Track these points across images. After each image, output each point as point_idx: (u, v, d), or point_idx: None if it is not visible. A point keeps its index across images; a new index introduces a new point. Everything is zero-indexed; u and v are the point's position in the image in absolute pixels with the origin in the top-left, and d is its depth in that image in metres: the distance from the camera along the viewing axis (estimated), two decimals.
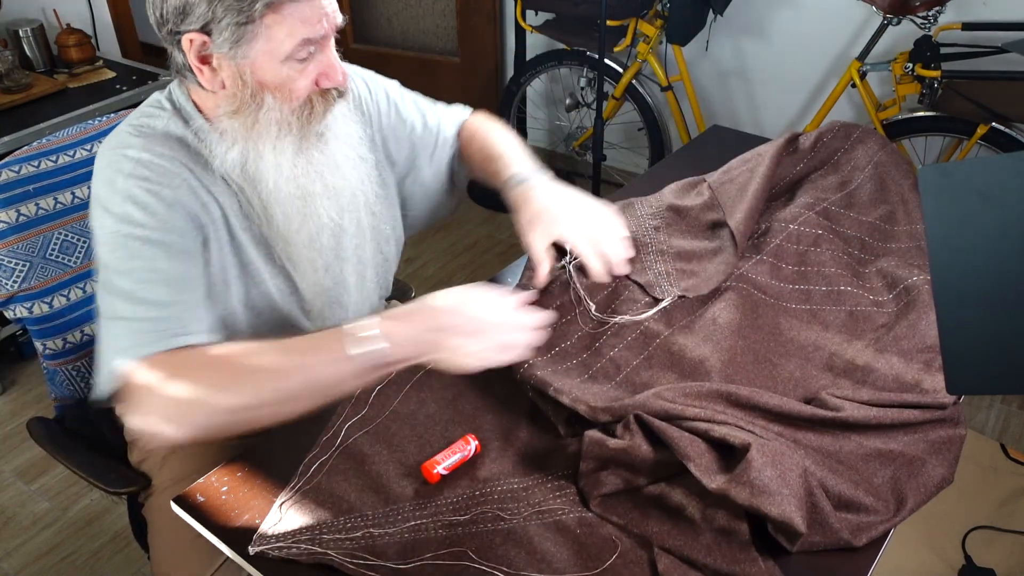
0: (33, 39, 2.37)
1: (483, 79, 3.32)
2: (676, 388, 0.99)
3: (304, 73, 0.98)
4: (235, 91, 0.98)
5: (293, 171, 1.04)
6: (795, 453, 0.89)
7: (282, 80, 0.97)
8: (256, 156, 1.02)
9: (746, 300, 1.15)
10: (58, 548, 1.88)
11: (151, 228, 0.97)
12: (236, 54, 0.95)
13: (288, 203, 1.05)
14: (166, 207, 0.98)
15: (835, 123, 1.46)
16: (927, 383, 1.01)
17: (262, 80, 0.97)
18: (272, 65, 0.96)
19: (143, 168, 0.99)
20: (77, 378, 1.36)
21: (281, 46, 0.94)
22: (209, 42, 0.95)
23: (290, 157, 1.03)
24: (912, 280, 1.18)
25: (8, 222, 1.25)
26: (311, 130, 1.03)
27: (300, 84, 0.99)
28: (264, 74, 0.97)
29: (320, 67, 0.99)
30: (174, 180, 1.00)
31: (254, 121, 1.00)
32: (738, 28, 2.75)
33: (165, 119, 1.03)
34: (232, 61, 0.96)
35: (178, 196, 0.99)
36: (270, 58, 0.95)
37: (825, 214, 1.31)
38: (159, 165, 0.99)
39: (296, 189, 1.05)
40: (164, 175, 0.99)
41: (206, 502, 0.95)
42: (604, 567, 0.86)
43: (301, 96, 1.00)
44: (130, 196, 0.97)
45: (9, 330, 2.33)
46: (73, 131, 1.35)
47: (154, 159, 0.99)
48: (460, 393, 1.09)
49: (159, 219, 0.98)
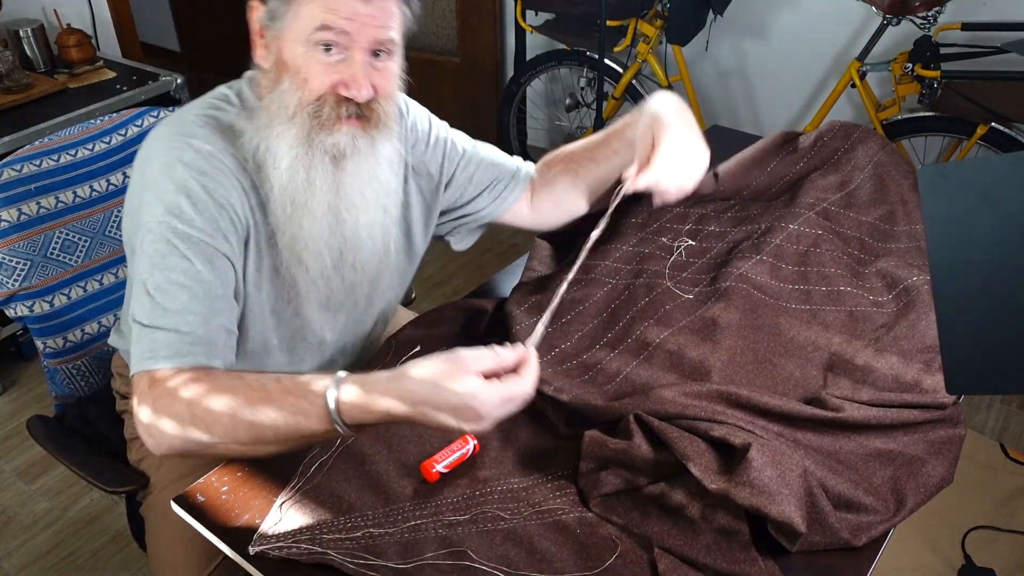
0: (33, 39, 2.37)
1: (483, 79, 3.31)
2: (676, 388, 0.99)
3: (326, 69, 0.95)
4: (269, 67, 1.00)
5: (289, 167, 1.00)
6: (795, 453, 0.89)
7: (300, 64, 0.96)
8: (263, 139, 1.00)
9: (746, 300, 1.15)
10: (58, 548, 1.88)
11: (197, 227, 0.96)
12: (274, 26, 0.97)
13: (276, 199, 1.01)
14: (217, 207, 0.97)
15: (835, 123, 1.46)
16: (927, 383, 1.01)
17: (284, 58, 0.97)
18: (294, 45, 0.96)
19: (203, 161, 0.98)
20: (77, 377, 1.36)
21: (304, 26, 0.94)
22: (263, 11, 0.98)
23: (287, 151, 0.99)
24: (912, 280, 1.18)
25: (10, 221, 1.25)
26: (319, 139, 0.99)
27: (316, 77, 0.96)
28: (286, 52, 0.97)
29: (345, 73, 0.96)
30: (230, 179, 0.99)
31: (270, 101, 0.99)
32: (738, 28, 2.75)
33: (232, 113, 1.03)
34: (271, 33, 0.98)
35: (230, 196, 0.99)
36: (294, 36, 0.95)
37: (825, 214, 1.31)
38: (219, 160, 0.99)
39: (285, 186, 1.01)
40: (221, 173, 0.98)
41: (206, 502, 0.95)
42: (604, 567, 0.86)
43: (314, 90, 0.97)
44: (184, 187, 0.96)
45: (9, 330, 2.32)
46: (75, 130, 1.35)
47: (215, 152, 0.99)
48: None
49: (207, 217, 0.97)
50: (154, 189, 0.98)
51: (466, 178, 1.24)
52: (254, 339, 1.09)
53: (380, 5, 0.95)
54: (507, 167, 1.28)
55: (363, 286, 1.15)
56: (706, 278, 1.22)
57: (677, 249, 1.28)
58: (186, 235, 0.96)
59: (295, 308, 1.11)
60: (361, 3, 0.94)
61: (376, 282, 1.16)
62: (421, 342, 1.17)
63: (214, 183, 0.97)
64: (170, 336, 0.93)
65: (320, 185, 1.01)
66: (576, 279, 1.24)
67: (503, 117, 3.10)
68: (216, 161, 0.98)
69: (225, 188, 0.98)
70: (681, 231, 1.34)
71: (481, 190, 1.26)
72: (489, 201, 1.27)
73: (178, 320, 0.94)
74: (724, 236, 1.31)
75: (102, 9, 2.72)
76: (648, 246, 1.30)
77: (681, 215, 1.37)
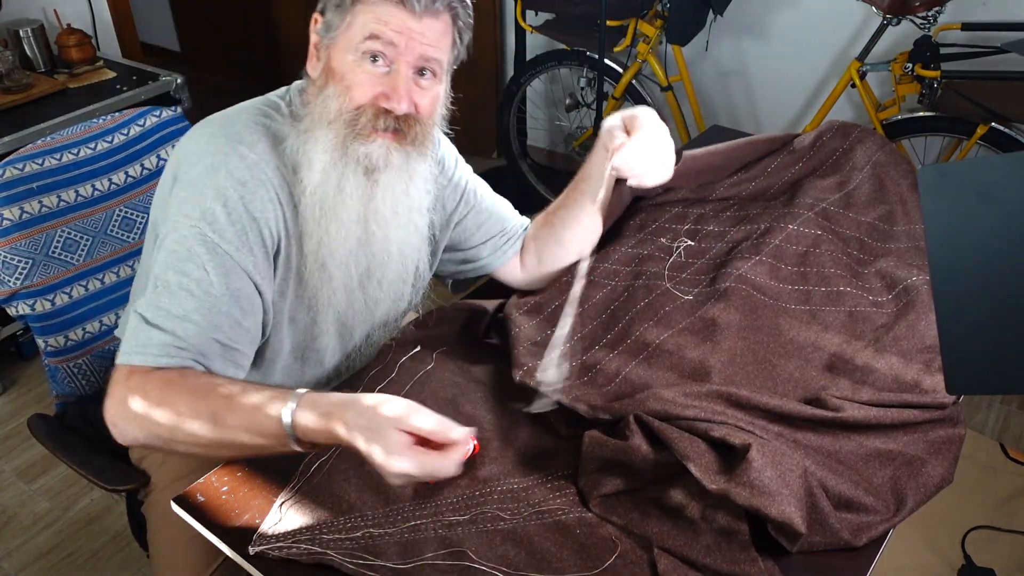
0: (33, 39, 2.37)
1: (483, 79, 3.32)
2: (676, 389, 0.99)
3: (370, 79, 0.97)
4: (317, 75, 1.02)
5: (322, 172, 1.01)
6: (795, 453, 0.89)
7: (345, 72, 0.98)
8: (301, 141, 1.01)
9: (745, 301, 1.15)
10: (59, 548, 1.88)
11: (227, 239, 0.97)
12: (327, 35, 1.00)
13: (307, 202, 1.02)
14: (250, 219, 0.98)
15: (833, 123, 1.47)
16: (926, 383, 1.01)
17: (332, 66, 0.99)
18: (343, 53, 0.98)
19: (246, 171, 0.99)
20: (78, 375, 1.36)
21: (355, 35, 0.97)
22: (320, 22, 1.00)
23: (321, 155, 1.00)
24: (911, 280, 1.18)
25: (12, 219, 1.25)
26: (353, 147, 1.00)
27: (360, 85, 0.98)
28: (335, 60, 0.99)
29: (387, 85, 0.98)
30: (269, 192, 1.00)
31: (314, 106, 1.01)
32: (738, 28, 2.75)
33: (280, 122, 1.04)
34: (324, 43, 1.00)
35: (265, 210, 1.00)
36: (344, 45, 0.98)
37: (824, 215, 1.31)
38: (261, 172, 1.00)
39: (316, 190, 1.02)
40: (261, 185, 0.99)
41: (206, 502, 0.95)
42: (604, 567, 0.86)
43: (356, 99, 0.98)
44: (223, 196, 0.97)
45: (9, 330, 2.32)
46: (78, 129, 1.35)
47: (259, 162, 1.00)
48: (460, 393, 1.09)
49: (238, 229, 0.98)
50: (192, 188, 0.98)
51: (476, 224, 1.27)
52: (272, 345, 1.10)
53: (430, 24, 0.97)
54: (514, 224, 1.31)
55: (384, 303, 1.16)
56: (705, 279, 1.22)
57: (676, 250, 1.28)
58: (213, 245, 0.97)
59: (313, 317, 1.11)
60: (412, 19, 0.96)
61: (398, 302, 1.18)
62: (421, 342, 1.17)
63: (252, 195, 0.99)
64: (165, 337, 0.95)
65: (351, 193, 1.02)
66: None
67: (503, 117, 3.10)
68: (259, 172, 1.00)
69: (262, 201, 1.00)
70: (680, 231, 1.34)
71: (487, 239, 1.28)
72: (491, 252, 1.29)
73: (176, 325, 0.95)
74: (723, 236, 1.31)
75: (102, 9, 2.72)
76: (647, 247, 1.30)
77: (680, 215, 1.38)
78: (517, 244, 1.31)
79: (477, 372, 1.14)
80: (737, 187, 1.42)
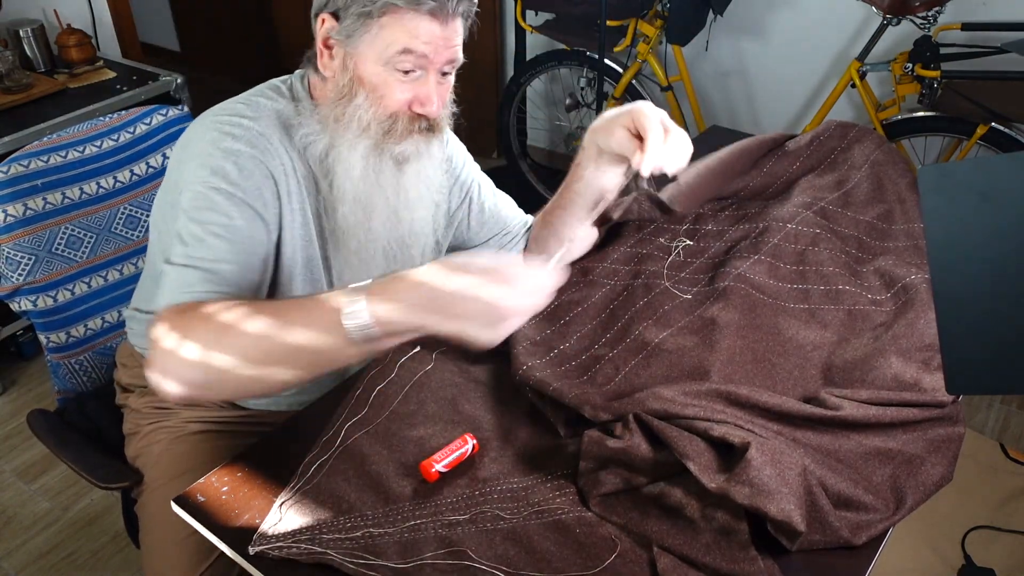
0: (33, 39, 2.37)
1: (483, 79, 3.32)
2: (675, 388, 0.99)
3: (401, 87, 1.00)
4: (339, 79, 1.03)
5: (362, 175, 1.05)
6: (794, 452, 0.89)
7: (377, 83, 1.00)
8: (334, 148, 1.05)
9: (745, 300, 1.15)
10: (58, 548, 1.88)
11: (241, 188, 1.00)
12: (349, 43, 1.00)
13: (349, 205, 1.07)
14: (261, 176, 1.01)
15: (832, 122, 1.47)
16: (926, 382, 1.01)
17: (360, 75, 1.01)
18: (372, 64, 1.00)
19: (250, 137, 1.02)
20: (79, 372, 1.36)
21: (386, 48, 0.98)
22: (336, 27, 1.00)
23: (359, 160, 1.04)
24: (910, 279, 1.18)
25: (16, 216, 1.26)
26: (388, 147, 1.04)
27: (393, 95, 1.01)
28: (363, 70, 1.00)
29: (419, 90, 1.01)
30: (274, 158, 1.03)
31: (342, 113, 1.03)
32: (738, 28, 2.75)
33: (280, 103, 1.07)
34: (345, 49, 1.01)
35: (274, 172, 1.03)
36: (373, 56, 0.99)
37: (823, 213, 1.31)
38: (265, 139, 1.03)
39: (359, 194, 1.07)
40: (267, 151, 1.02)
41: (206, 502, 0.95)
42: (604, 567, 0.86)
43: (390, 108, 1.02)
44: (232, 153, 1.00)
45: (10, 330, 2.33)
46: (83, 127, 1.36)
47: (264, 131, 1.03)
48: (460, 393, 1.10)
49: (252, 182, 1.00)
50: (200, 158, 1.01)
51: (479, 223, 1.28)
52: None
53: (453, 28, 1.01)
54: (517, 222, 1.32)
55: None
56: (704, 278, 1.22)
57: (675, 249, 1.28)
58: (229, 194, 0.99)
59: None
60: (439, 26, 0.98)
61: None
62: (421, 342, 1.17)
63: (263, 154, 1.02)
64: (206, 275, 0.95)
65: (385, 186, 1.08)
66: (575, 280, 1.24)
67: (503, 117, 3.10)
68: (262, 139, 1.03)
69: (269, 164, 1.02)
70: (679, 231, 1.34)
71: (489, 237, 1.30)
72: (494, 250, 1.30)
73: (214, 265, 0.96)
74: (722, 235, 1.31)
75: (102, 9, 2.72)
76: (646, 246, 1.30)
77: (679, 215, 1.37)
78: (521, 242, 1.31)
79: (477, 372, 1.14)
80: (735, 187, 1.42)
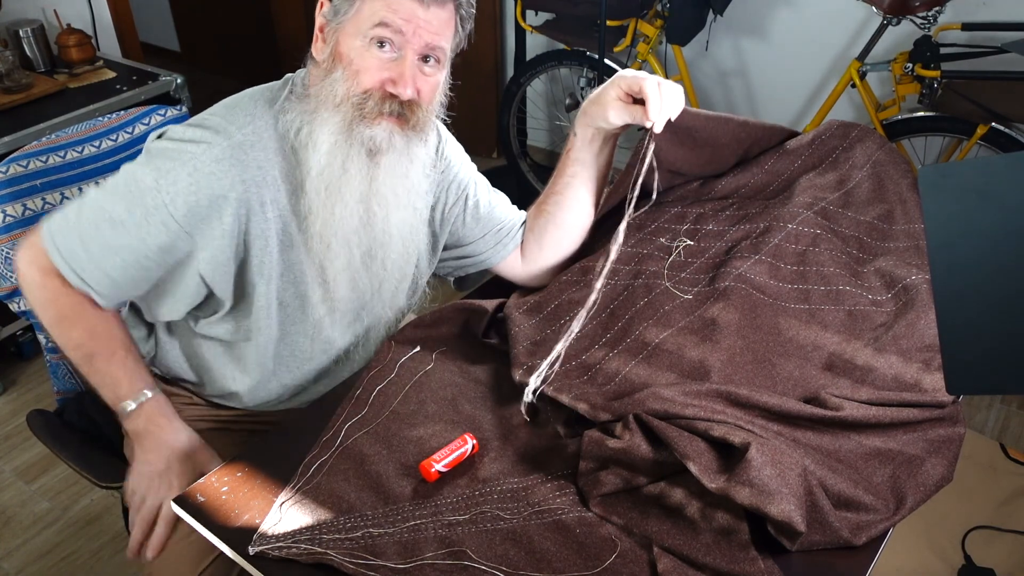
0: (33, 39, 2.37)
1: (483, 79, 3.32)
2: (675, 388, 0.99)
3: (378, 65, 1.00)
4: (324, 57, 1.03)
5: (328, 153, 1.04)
6: (794, 452, 0.89)
7: (353, 56, 1.01)
8: (307, 124, 1.04)
9: (745, 300, 1.15)
10: (58, 548, 1.88)
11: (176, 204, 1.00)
12: (335, 19, 1.01)
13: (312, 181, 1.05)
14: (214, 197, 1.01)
15: (834, 122, 1.46)
16: (926, 382, 1.01)
17: (340, 50, 1.01)
18: (351, 38, 1.00)
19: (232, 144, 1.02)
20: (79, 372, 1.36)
21: (364, 21, 0.99)
22: (329, 7, 1.01)
23: (328, 136, 1.03)
24: (910, 279, 1.18)
25: (15, 216, 1.26)
26: (358, 129, 1.03)
27: (369, 72, 1.01)
28: (343, 45, 1.01)
29: (394, 71, 1.01)
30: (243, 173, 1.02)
31: (320, 90, 1.03)
32: (738, 28, 2.75)
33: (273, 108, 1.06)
34: (331, 27, 1.02)
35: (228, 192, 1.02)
36: (353, 30, 1.00)
37: (823, 214, 1.31)
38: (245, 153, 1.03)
39: (323, 171, 1.05)
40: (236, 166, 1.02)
41: (206, 502, 0.95)
42: (604, 567, 0.86)
43: (364, 84, 1.01)
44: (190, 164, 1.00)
45: (9, 330, 2.33)
46: (82, 127, 1.36)
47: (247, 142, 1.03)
48: (460, 393, 1.10)
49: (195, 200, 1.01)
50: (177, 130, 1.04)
51: (474, 220, 1.28)
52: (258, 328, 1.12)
53: (437, 13, 1.00)
54: (513, 218, 1.32)
55: (389, 284, 1.18)
56: (705, 278, 1.22)
57: (675, 249, 1.28)
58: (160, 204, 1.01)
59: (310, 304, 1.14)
60: (420, 7, 0.99)
61: (402, 282, 1.20)
62: (421, 342, 1.17)
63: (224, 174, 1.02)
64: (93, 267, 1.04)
65: (354, 175, 1.05)
66: (574, 280, 1.24)
67: (503, 117, 3.10)
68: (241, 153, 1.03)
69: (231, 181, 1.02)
70: (679, 231, 1.33)
71: (485, 234, 1.29)
72: (491, 246, 1.30)
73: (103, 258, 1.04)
74: (722, 235, 1.31)
75: (102, 9, 2.72)
76: (646, 246, 1.30)
77: (679, 215, 1.37)
78: (517, 237, 1.31)
79: (477, 372, 1.14)
80: (735, 185, 1.42)
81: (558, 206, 1.28)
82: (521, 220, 1.33)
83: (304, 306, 1.13)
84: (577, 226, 1.29)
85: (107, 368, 1.10)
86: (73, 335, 1.09)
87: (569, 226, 1.29)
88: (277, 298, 1.11)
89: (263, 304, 1.10)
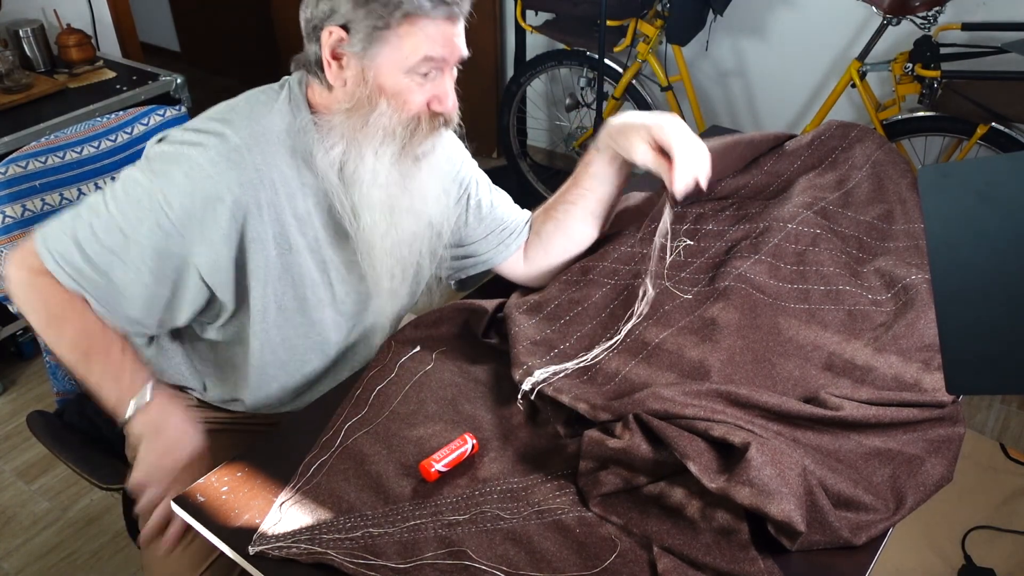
0: (33, 39, 2.37)
1: (483, 79, 3.32)
2: (675, 387, 0.99)
3: (421, 90, 1.02)
4: (355, 90, 1.03)
5: (387, 180, 1.07)
6: (794, 452, 0.89)
7: (399, 90, 1.02)
8: (357, 157, 1.05)
9: (745, 300, 1.15)
10: (58, 548, 1.88)
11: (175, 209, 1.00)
12: (366, 55, 1.00)
13: (377, 210, 1.08)
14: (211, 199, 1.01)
15: (833, 122, 1.47)
16: (926, 382, 1.01)
17: (382, 84, 1.01)
18: (394, 73, 1.01)
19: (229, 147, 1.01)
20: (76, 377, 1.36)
21: (407, 57, 0.99)
22: (346, 39, 1.00)
23: (387, 165, 1.06)
24: (910, 279, 1.18)
25: (14, 217, 1.26)
26: (412, 148, 1.06)
27: (414, 99, 1.02)
28: (385, 79, 1.01)
29: (436, 90, 1.03)
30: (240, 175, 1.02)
31: (364, 123, 1.03)
32: (738, 28, 2.75)
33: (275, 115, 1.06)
34: (360, 61, 1.01)
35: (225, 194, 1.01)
36: (394, 66, 1.00)
37: (823, 213, 1.31)
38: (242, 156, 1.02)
39: (387, 198, 1.08)
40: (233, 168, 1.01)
41: (206, 502, 0.95)
42: (604, 567, 0.86)
43: (412, 110, 1.03)
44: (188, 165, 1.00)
45: (9, 330, 2.33)
46: (81, 128, 1.36)
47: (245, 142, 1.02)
48: (460, 393, 1.10)
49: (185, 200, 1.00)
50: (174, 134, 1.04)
51: (476, 220, 1.28)
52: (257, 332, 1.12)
53: (462, 26, 1.03)
54: (515, 218, 1.32)
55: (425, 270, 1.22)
56: (704, 278, 1.22)
57: (676, 249, 1.28)
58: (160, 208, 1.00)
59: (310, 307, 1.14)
60: (452, 27, 1.01)
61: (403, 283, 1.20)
62: (421, 342, 1.17)
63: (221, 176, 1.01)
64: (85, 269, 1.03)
65: (411, 189, 1.10)
66: (575, 280, 1.25)
67: (503, 117, 3.10)
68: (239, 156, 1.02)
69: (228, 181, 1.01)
70: (679, 231, 1.33)
71: (487, 234, 1.29)
72: (493, 246, 1.30)
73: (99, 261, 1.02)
74: (722, 235, 1.31)
75: (102, 9, 2.73)
76: (646, 246, 1.30)
77: (679, 215, 1.37)
78: (520, 238, 1.31)
79: (477, 372, 1.14)
80: (735, 186, 1.42)
81: (569, 215, 1.28)
82: (524, 220, 1.33)
83: (304, 309, 1.13)
84: (586, 236, 1.30)
85: (106, 364, 1.07)
86: (67, 335, 1.07)
87: (578, 236, 1.30)
88: (275, 301, 1.11)
89: (261, 307, 1.10)
